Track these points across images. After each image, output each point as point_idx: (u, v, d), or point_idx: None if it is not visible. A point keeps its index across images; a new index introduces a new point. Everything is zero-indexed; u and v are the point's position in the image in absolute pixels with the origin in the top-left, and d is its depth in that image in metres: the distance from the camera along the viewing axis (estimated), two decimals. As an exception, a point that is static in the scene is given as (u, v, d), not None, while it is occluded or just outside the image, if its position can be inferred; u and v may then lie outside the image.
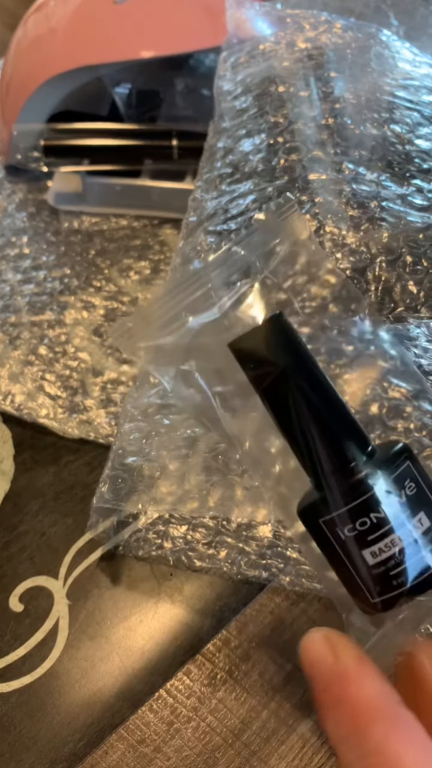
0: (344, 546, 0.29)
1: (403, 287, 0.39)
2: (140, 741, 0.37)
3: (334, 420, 0.29)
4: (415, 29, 0.55)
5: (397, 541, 0.28)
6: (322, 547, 0.30)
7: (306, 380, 0.29)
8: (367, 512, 0.28)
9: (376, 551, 0.28)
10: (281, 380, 0.29)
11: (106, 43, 0.55)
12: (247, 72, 0.48)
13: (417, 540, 0.28)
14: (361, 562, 0.28)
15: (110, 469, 0.42)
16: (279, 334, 0.30)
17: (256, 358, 0.29)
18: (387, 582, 0.28)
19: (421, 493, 0.29)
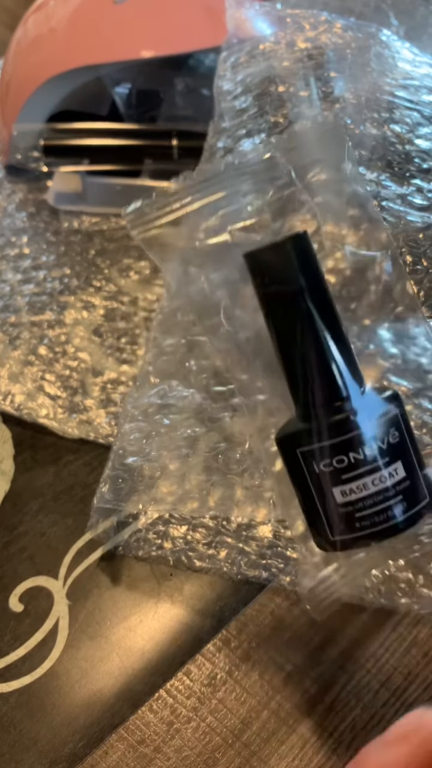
0: (317, 480, 0.28)
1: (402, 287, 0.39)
2: (140, 741, 0.37)
3: (336, 352, 0.29)
4: (415, 29, 0.55)
5: (369, 485, 0.28)
6: (294, 477, 0.29)
7: (317, 306, 0.29)
8: (347, 451, 0.28)
9: (347, 491, 0.28)
10: (292, 300, 0.28)
11: (106, 43, 0.55)
12: (247, 72, 0.48)
13: (388, 488, 0.28)
14: (330, 498, 0.28)
15: (111, 469, 0.42)
16: (300, 254, 0.29)
17: (271, 274, 0.29)
18: (351, 523, 0.28)
19: (403, 444, 0.28)
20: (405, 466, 0.28)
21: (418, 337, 0.38)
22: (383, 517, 0.28)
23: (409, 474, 0.28)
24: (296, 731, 0.37)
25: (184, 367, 0.43)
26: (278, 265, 0.28)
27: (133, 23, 0.54)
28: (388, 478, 0.28)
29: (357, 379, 0.29)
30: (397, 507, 0.28)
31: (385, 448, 0.28)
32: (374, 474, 0.28)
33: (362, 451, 0.28)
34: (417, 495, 0.29)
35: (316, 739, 0.36)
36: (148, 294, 0.54)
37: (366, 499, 0.28)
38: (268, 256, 0.29)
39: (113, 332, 0.52)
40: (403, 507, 0.28)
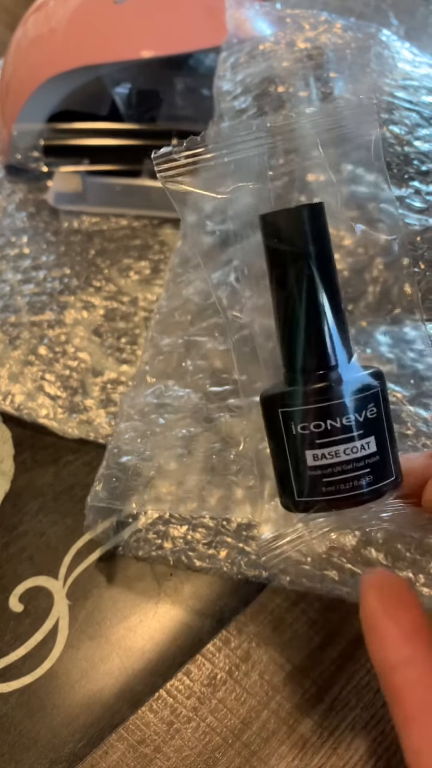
0: (293, 441, 0.30)
1: (400, 289, 0.39)
2: (140, 741, 0.37)
3: (330, 320, 0.30)
4: (415, 29, 0.55)
5: (340, 453, 0.29)
6: (272, 435, 0.30)
7: (319, 273, 0.30)
8: (325, 417, 0.29)
9: (319, 455, 0.29)
10: (298, 264, 0.29)
11: (106, 43, 0.55)
12: (247, 72, 0.48)
13: (358, 459, 0.29)
14: (302, 460, 0.29)
15: (105, 468, 0.42)
16: (313, 222, 0.30)
17: (283, 236, 0.30)
18: (317, 486, 0.29)
19: (378, 420, 0.30)
20: (377, 441, 0.30)
21: (414, 341, 0.38)
22: (348, 486, 0.29)
23: (380, 450, 0.30)
24: (296, 731, 0.37)
25: (181, 367, 0.43)
26: (290, 228, 0.30)
27: (133, 23, 0.54)
28: (359, 450, 0.29)
29: (346, 350, 0.30)
30: (364, 479, 0.29)
31: (362, 420, 0.29)
32: (347, 444, 0.29)
33: (339, 420, 0.29)
34: (384, 471, 0.30)
35: (316, 739, 0.37)
36: (148, 294, 0.54)
37: (335, 465, 0.29)
38: (283, 219, 0.30)
39: (113, 332, 0.52)
40: (368, 480, 0.29)
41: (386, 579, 0.30)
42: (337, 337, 0.30)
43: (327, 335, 0.30)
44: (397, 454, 0.31)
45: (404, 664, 0.28)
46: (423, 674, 0.28)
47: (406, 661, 0.28)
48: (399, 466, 0.31)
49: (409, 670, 0.28)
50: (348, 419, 0.29)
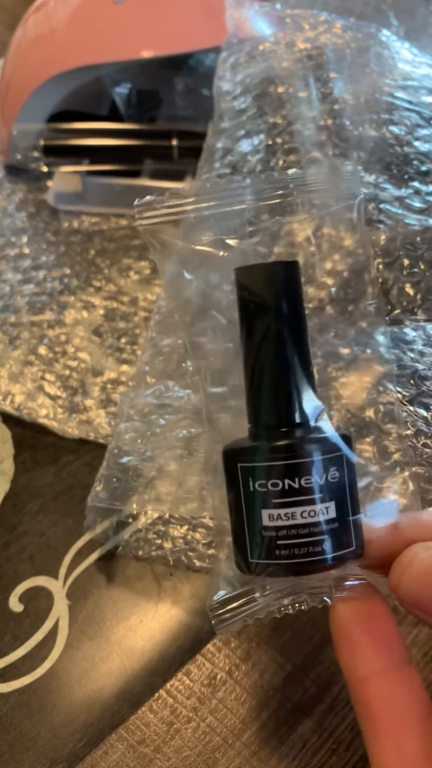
0: (250, 497, 0.29)
1: (400, 290, 0.39)
2: (140, 741, 0.37)
3: (296, 378, 0.29)
4: (415, 29, 0.55)
5: (297, 516, 0.28)
6: (229, 489, 0.30)
7: (289, 331, 0.29)
8: (284, 476, 0.28)
9: (275, 515, 0.28)
10: (267, 319, 0.29)
11: (106, 43, 0.55)
12: (247, 72, 0.48)
13: (316, 524, 0.28)
14: (257, 518, 0.28)
15: (105, 468, 0.42)
16: (286, 279, 0.30)
17: (254, 290, 0.29)
18: (271, 549, 0.28)
19: (340, 485, 0.28)
20: (338, 507, 0.28)
21: (414, 341, 0.38)
22: (304, 551, 0.28)
23: (340, 517, 0.28)
24: (296, 731, 0.37)
25: (181, 367, 0.43)
26: (262, 283, 0.29)
27: (133, 23, 0.54)
28: (317, 514, 0.28)
29: (313, 409, 0.29)
30: (320, 546, 0.28)
31: (323, 483, 0.28)
32: (305, 506, 0.28)
33: (298, 481, 0.28)
34: (343, 540, 0.29)
35: (316, 739, 0.37)
36: (148, 294, 0.54)
37: (291, 528, 0.28)
38: (256, 273, 0.30)
39: (113, 332, 0.52)
40: (325, 548, 0.28)
41: (358, 589, 0.29)
42: (303, 395, 0.29)
43: (292, 392, 0.29)
44: (360, 523, 0.29)
45: (376, 675, 0.27)
46: (395, 687, 0.27)
47: (378, 672, 0.27)
48: (361, 536, 0.29)
49: (381, 683, 0.27)
50: (308, 480, 0.28)
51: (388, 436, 0.37)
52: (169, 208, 0.32)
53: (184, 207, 0.32)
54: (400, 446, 0.36)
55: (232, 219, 0.32)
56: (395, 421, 0.36)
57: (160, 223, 0.32)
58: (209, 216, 0.32)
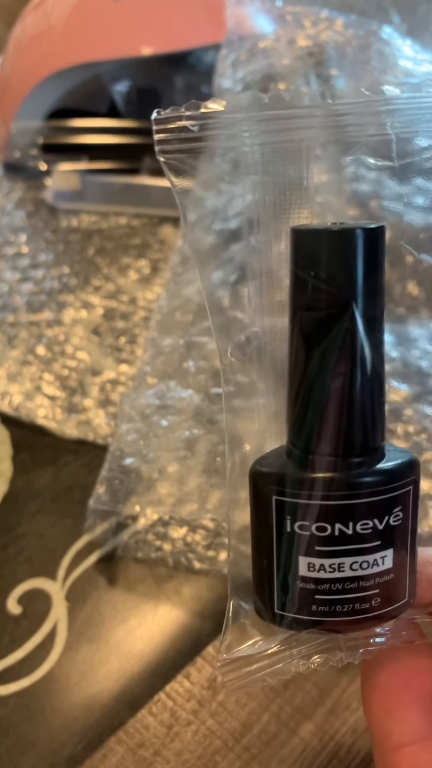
0: (285, 539, 0.23)
1: (403, 288, 0.39)
2: (139, 744, 0.37)
3: (370, 395, 0.23)
4: (416, 26, 0.55)
5: (345, 567, 0.23)
6: (258, 523, 0.24)
7: (366, 330, 0.22)
8: (334, 519, 0.22)
9: (316, 565, 0.23)
10: (336, 313, 0.22)
11: (105, 40, 0.54)
12: (247, 70, 0.48)
13: (366, 577, 0.23)
14: (293, 566, 0.23)
15: (107, 470, 0.42)
16: (371, 257, 0.22)
17: (323, 268, 0.22)
18: (306, 602, 0.23)
19: (402, 530, 0.23)
20: (396, 556, 0.23)
21: (418, 339, 0.38)
22: (347, 609, 0.23)
23: (397, 567, 0.23)
24: (297, 734, 0.37)
25: (182, 367, 0.43)
26: (335, 258, 0.22)
27: (133, 20, 0.54)
28: (371, 565, 0.23)
29: (379, 434, 0.23)
30: (368, 602, 0.23)
31: (382, 529, 0.22)
32: (357, 556, 0.22)
33: (353, 526, 0.22)
34: (396, 592, 0.23)
35: (317, 743, 0.36)
36: (148, 293, 0.53)
37: (335, 582, 0.23)
38: (327, 242, 0.22)
39: (112, 332, 0.52)
40: (375, 602, 0.23)
41: (401, 634, 0.24)
42: (372, 418, 0.23)
43: (359, 415, 0.22)
44: (416, 568, 0.24)
45: (414, 744, 0.22)
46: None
47: (417, 739, 0.22)
48: (415, 583, 0.24)
49: (419, 753, 0.22)
50: (365, 526, 0.22)
51: (394, 434, 0.36)
52: (200, 131, 0.23)
53: (224, 131, 0.23)
54: (407, 444, 0.36)
55: (292, 151, 0.24)
56: (400, 420, 0.36)
57: (186, 151, 0.24)
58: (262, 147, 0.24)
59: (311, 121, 0.23)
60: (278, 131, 0.23)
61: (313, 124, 0.23)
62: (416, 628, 0.24)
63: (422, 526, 0.37)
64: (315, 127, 0.23)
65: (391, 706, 0.23)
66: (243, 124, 0.23)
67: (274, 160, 0.24)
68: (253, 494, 0.24)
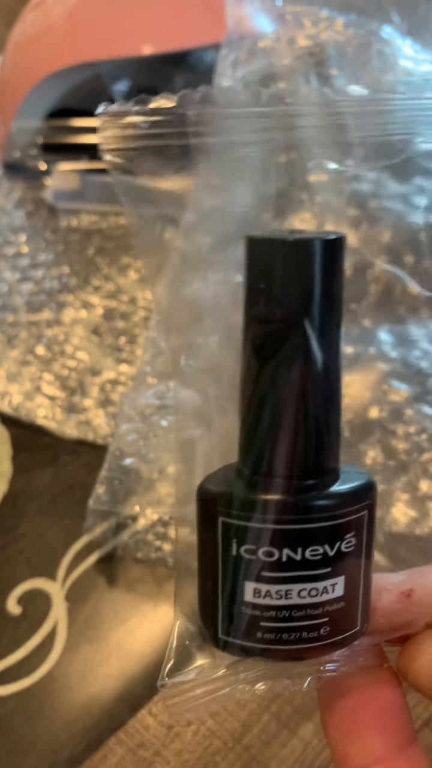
0: (231, 562, 0.21)
1: (403, 288, 0.39)
2: (139, 745, 0.37)
3: (324, 418, 0.21)
4: (417, 26, 0.55)
5: (293, 595, 0.21)
6: (203, 544, 0.22)
7: (323, 352, 0.21)
8: (283, 545, 0.21)
9: (262, 591, 0.21)
10: (289, 328, 0.20)
11: (105, 40, 0.54)
12: (247, 69, 0.48)
13: (315, 605, 0.21)
14: (238, 590, 0.21)
15: (107, 470, 0.42)
16: (327, 269, 0.20)
17: (277, 282, 0.20)
18: (251, 629, 0.22)
19: (355, 556, 0.22)
20: (347, 584, 0.22)
21: (419, 339, 0.38)
22: (294, 637, 0.21)
23: (348, 595, 0.22)
24: (297, 734, 0.36)
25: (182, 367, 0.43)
26: (292, 272, 0.20)
27: (133, 20, 0.54)
28: (320, 593, 0.21)
29: (333, 455, 0.22)
30: (316, 630, 0.21)
31: (332, 555, 0.21)
32: (306, 583, 0.21)
33: (302, 552, 0.21)
34: (347, 621, 0.22)
35: (317, 743, 0.36)
36: (148, 293, 0.53)
37: (282, 609, 0.21)
38: (282, 253, 0.20)
39: (112, 331, 0.52)
40: (323, 632, 0.21)
41: (356, 657, 0.23)
42: (325, 439, 0.21)
43: (311, 435, 0.21)
44: (369, 596, 0.23)
45: (373, 764, 0.21)
46: None
47: (378, 759, 0.21)
48: (368, 611, 0.23)
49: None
50: (315, 552, 0.21)
51: (394, 435, 0.36)
52: (154, 128, 0.22)
53: (180, 129, 0.22)
54: (407, 445, 0.36)
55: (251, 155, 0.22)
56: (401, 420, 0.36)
57: (132, 149, 0.22)
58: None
59: (268, 122, 0.21)
60: (230, 131, 0.21)
61: (270, 124, 0.21)
62: (376, 654, 0.23)
63: (422, 527, 0.37)
64: (271, 129, 0.21)
65: (348, 729, 0.22)
66: (193, 120, 0.22)
67: (226, 161, 0.22)
68: (200, 513, 0.22)
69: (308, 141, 0.23)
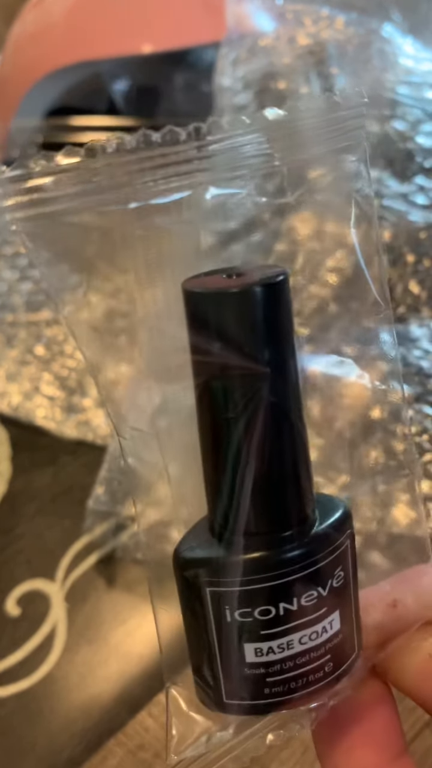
0: (226, 630, 0.20)
1: (404, 287, 0.38)
2: (139, 746, 0.37)
3: (293, 464, 0.21)
4: (417, 25, 0.55)
5: (295, 644, 0.20)
6: (191, 616, 0.21)
7: (279, 395, 0.20)
8: (278, 600, 0.20)
9: (264, 650, 0.20)
10: (246, 382, 0.19)
11: (104, 38, 0.54)
12: (247, 68, 0.48)
13: (318, 647, 0.21)
14: (237, 656, 0.21)
15: (106, 471, 0.41)
16: (272, 317, 0.19)
17: (219, 333, 0.19)
18: (258, 688, 0.21)
19: (345, 587, 0.21)
20: (342, 614, 0.21)
21: (419, 339, 0.37)
22: (301, 683, 0.21)
23: (345, 625, 0.21)
24: (296, 736, 0.36)
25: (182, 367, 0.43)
26: (233, 324, 0.19)
27: (132, 18, 0.54)
28: (320, 634, 0.21)
29: (309, 500, 0.21)
30: (321, 670, 0.21)
31: (326, 595, 0.21)
32: (305, 630, 0.20)
33: (297, 601, 0.20)
34: (346, 650, 0.22)
35: (316, 744, 0.36)
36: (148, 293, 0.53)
37: (286, 660, 0.20)
38: (223, 305, 0.19)
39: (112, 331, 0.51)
40: (327, 669, 0.21)
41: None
42: (301, 483, 0.21)
43: (286, 486, 0.20)
44: (360, 617, 0.22)
45: None
46: None
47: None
48: (361, 631, 0.22)
49: None
50: (309, 597, 0.20)
51: (394, 435, 0.36)
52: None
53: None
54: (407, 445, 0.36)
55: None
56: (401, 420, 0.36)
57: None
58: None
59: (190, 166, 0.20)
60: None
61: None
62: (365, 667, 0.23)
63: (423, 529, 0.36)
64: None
65: (336, 740, 0.21)
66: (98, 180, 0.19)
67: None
68: (183, 584, 0.21)
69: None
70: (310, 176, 0.26)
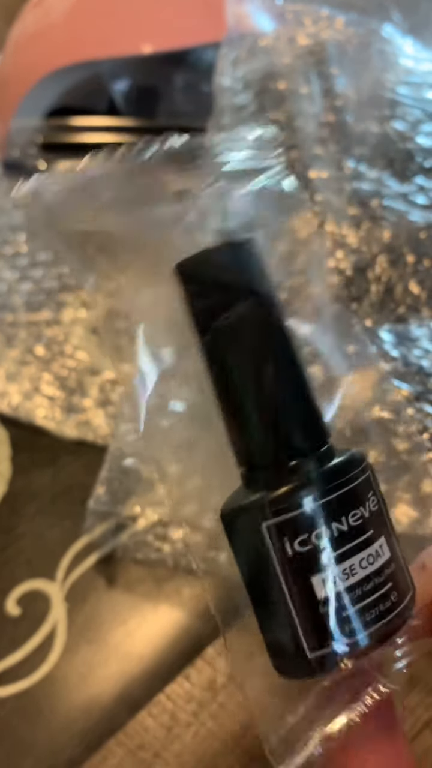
0: (289, 566, 0.20)
1: (404, 287, 0.38)
2: (139, 746, 0.36)
3: (308, 387, 0.22)
4: (418, 25, 0.55)
5: (357, 569, 0.20)
6: (250, 569, 0.21)
7: (276, 320, 0.22)
8: (330, 520, 0.20)
9: (329, 579, 0.20)
10: (245, 314, 0.22)
11: (104, 38, 0.54)
12: (247, 68, 0.48)
13: (377, 572, 0.21)
14: (308, 593, 0.20)
15: (107, 471, 0.41)
16: (251, 261, 0.22)
17: (217, 280, 0.22)
18: (340, 625, 0.20)
19: (381, 515, 0.22)
20: (388, 542, 0.21)
21: (420, 339, 0.37)
22: (375, 614, 0.20)
23: (393, 555, 0.21)
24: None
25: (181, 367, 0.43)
26: (227, 268, 0.22)
27: (132, 18, 0.54)
28: (375, 559, 0.21)
29: (325, 425, 0.23)
30: (388, 599, 0.21)
31: (368, 516, 0.21)
32: (362, 552, 0.20)
33: (346, 521, 0.20)
34: (403, 583, 0.22)
35: (316, 745, 0.36)
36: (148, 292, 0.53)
37: (354, 588, 0.20)
38: (212, 259, 0.22)
39: (112, 331, 0.51)
40: (393, 598, 0.21)
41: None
42: (317, 408, 0.22)
43: (309, 406, 0.22)
44: (403, 554, 0.22)
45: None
46: None
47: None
48: (408, 570, 0.22)
49: None
50: (355, 516, 0.21)
51: (395, 434, 0.36)
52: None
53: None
54: (408, 444, 0.36)
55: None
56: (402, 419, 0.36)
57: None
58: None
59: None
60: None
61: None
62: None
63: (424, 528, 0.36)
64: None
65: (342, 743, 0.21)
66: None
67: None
68: (238, 535, 0.21)
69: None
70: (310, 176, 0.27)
